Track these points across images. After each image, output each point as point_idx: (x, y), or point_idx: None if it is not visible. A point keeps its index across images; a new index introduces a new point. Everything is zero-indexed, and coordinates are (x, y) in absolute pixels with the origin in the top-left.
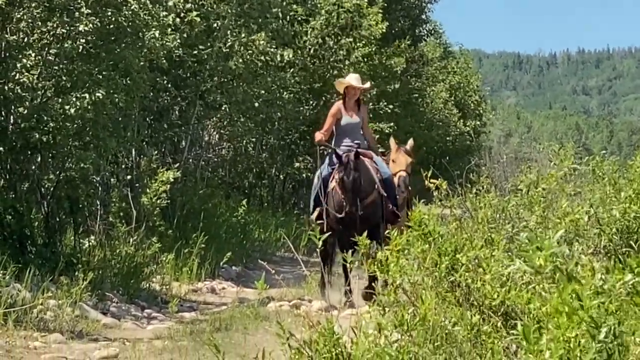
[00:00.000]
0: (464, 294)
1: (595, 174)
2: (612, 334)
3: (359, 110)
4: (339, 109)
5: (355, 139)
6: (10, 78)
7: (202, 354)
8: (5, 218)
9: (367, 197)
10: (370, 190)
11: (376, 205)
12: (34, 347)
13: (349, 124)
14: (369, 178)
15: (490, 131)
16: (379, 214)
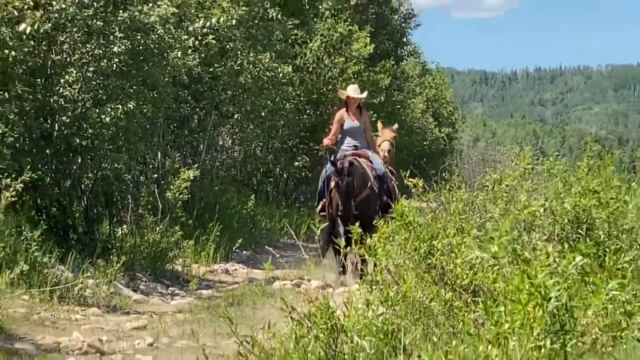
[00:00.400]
0: (439, 275)
1: (550, 172)
2: (564, 308)
3: (360, 116)
4: (342, 115)
5: (356, 140)
6: (55, 92)
7: (217, 325)
8: (51, 210)
9: (360, 194)
10: (363, 187)
11: (369, 200)
12: (75, 319)
13: (351, 127)
14: (362, 177)
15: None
16: (372, 207)
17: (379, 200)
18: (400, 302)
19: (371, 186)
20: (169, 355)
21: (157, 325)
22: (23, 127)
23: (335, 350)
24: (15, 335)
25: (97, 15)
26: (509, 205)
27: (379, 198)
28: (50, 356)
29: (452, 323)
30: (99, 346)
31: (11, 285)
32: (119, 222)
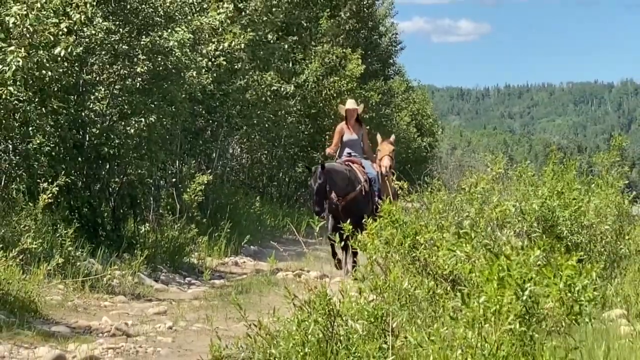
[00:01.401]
0: (422, 266)
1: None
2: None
3: (359, 128)
4: (342, 127)
5: (354, 151)
6: (86, 107)
7: (228, 310)
8: (83, 210)
9: (347, 194)
10: (350, 189)
11: (357, 200)
12: (104, 305)
13: (350, 139)
14: (347, 180)
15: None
16: (361, 207)
17: (370, 201)
18: (388, 290)
19: (360, 188)
20: (186, 336)
21: (176, 310)
22: (58, 138)
23: (332, 332)
24: (51, 319)
25: (122, 40)
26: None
27: (370, 198)
28: (82, 338)
29: (434, 308)
30: (125, 329)
31: (48, 275)
32: (142, 221)
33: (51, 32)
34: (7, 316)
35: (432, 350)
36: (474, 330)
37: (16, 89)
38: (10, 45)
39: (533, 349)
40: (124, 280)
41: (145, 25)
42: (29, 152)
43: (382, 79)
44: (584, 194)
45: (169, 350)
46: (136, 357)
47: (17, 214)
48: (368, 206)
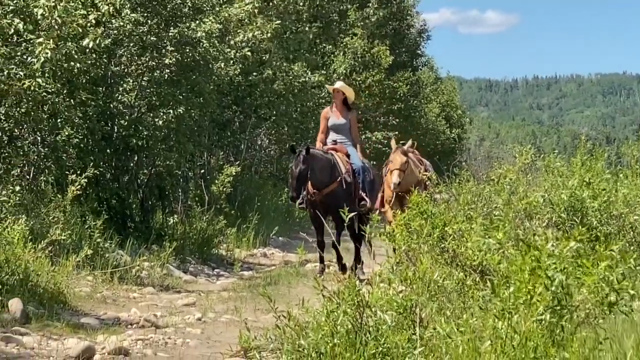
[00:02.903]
0: (451, 257)
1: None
2: (561, 286)
3: (347, 113)
4: (327, 112)
5: (339, 136)
6: (114, 98)
7: (257, 302)
8: (111, 202)
9: (327, 186)
10: (329, 181)
11: (336, 193)
12: (133, 297)
13: (335, 124)
14: (329, 170)
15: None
16: (340, 200)
17: (352, 194)
18: (417, 281)
19: (340, 180)
20: (215, 328)
21: (205, 302)
22: (87, 130)
23: (361, 323)
24: (81, 311)
25: (150, 31)
26: (511, 197)
27: (353, 191)
28: (111, 329)
29: (463, 299)
30: (154, 320)
31: (77, 267)
32: (170, 213)
33: (79, 24)
34: (37, 307)
35: (462, 341)
36: (504, 320)
37: (45, 81)
38: (39, 37)
39: (563, 340)
40: (153, 271)
41: (174, 17)
42: (57, 144)
43: (410, 70)
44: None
45: (197, 342)
46: (165, 348)
47: (46, 205)
48: (349, 199)
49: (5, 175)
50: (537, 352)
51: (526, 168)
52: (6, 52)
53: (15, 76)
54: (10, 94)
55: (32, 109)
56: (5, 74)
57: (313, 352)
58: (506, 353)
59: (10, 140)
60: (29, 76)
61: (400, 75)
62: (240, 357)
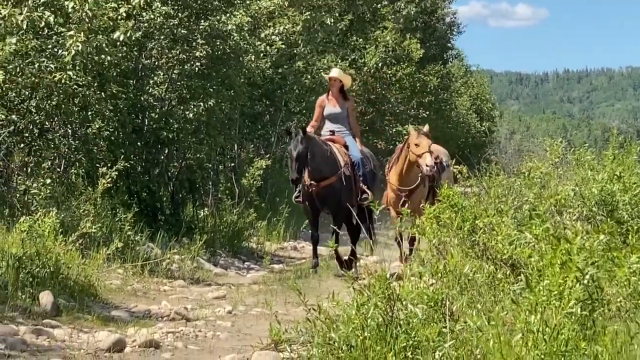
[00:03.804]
0: (481, 250)
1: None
2: (592, 279)
3: (344, 101)
4: (323, 100)
5: (336, 126)
6: (145, 91)
7: (287, 295)
8: (142, 195)
9: (325, 179)
10: (327, 173)
11: (334, 188)
12: (164, 290)
13: (331, 113)
14: (327, 162)
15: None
16: (338, 194)
17: (352, 187)
18: (448, 274)
19: (339, 174)
20: (245, 321)
21: (235, 295)
22: (117, 123)
23: (391, 316)
24: (111, 303)
25: (181, 24)
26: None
27: (353, 184)
28: (142, 322)
29: (494, 293)
30: (185, 313)
31: (108, 260)
32: (201, 206)
33: (110, 17)
34: (67, 300)
35: (492, 335)
36: (535, 314)
37: (75, 74)
38: (70, 30)
39: (594, 334)
40: (183, 264)
41: (204, 9)
42: (88, 137)
43: (440, 63)
44: None
45: (228, 334)
46: (196, 341)
47: (76, 198)
48: (348, 194)
49: (36, 168)
50: (568, 345)
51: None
52: (37, 45)
53: (46, 69)
54: (41, 86)
55: (63, 102)
56: (36, 66)
57: (343, 345)
58: (537, 346)
59: (41, 133)
60: (60, 69)
61: (430, 69)
62: (271, 350)
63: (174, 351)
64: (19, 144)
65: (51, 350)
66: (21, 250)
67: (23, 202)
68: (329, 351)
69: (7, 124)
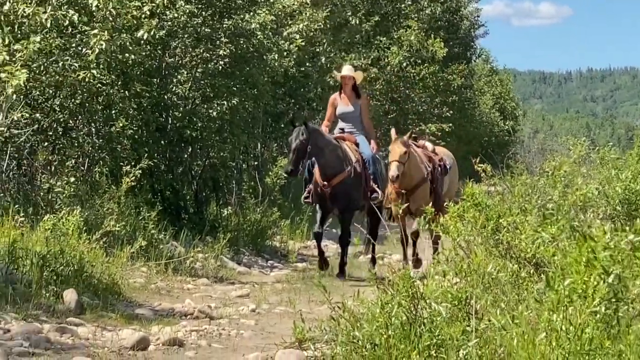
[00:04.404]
0: (505, 249)
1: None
2: (618, 279)
3: (356, 99)
4: (335, 99)
5: (348, 125)
6: (168, 90)
7: (311, 293)
8: (165, 193)
9: (335, 175)
10: (339, 169)
11: (345, 184)
12: (187, 288)
13: (344, 112)
14: (337, 157)
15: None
16: (349, 192)
17: (362, 184)
18: (471, 273)
19: (350, 170)
20: (269, 319)
21: (259, 293)
22: (141, 121)
23: (415, 314)
24: (135, 302)
25: (205, 22)
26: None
27: (363, 182)
28: (165, 320)
29: (518, 291)
30: (208, 311)
31: (131, 258)
32: (224, 204)
33: (134, 15)
34: (91, 298)
35: (516, 333)
36: (559, 313)
37: (99, 72)
38: (94, 28)
39: (618, 333)
40: (207, 263)
41: (228, 8)
42: (112, 135)
43: (464, 62)
44: None
45: (252, 333)
46: (219, 339)
47: (100, 197)
48: (358, 191)
49: (60, 166)
50: (592, 344)
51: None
52: (61, 43)
53: (70, 67)
54: (65, 85)
55: (87, 101)
56: (60, 65)
57: (367, 344)
58: (561, 345)
59: (65, 132)
60: (84, 68)
61: (454, 68)
62: (295, 349)
63: (197, 349)
64: (43, 142)
65: (75, 349)
66: (45, 249)
67: (47, 200)
68: (353, 349)
69: (31, 123)
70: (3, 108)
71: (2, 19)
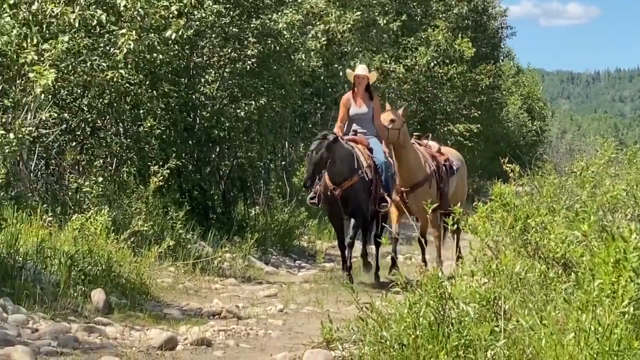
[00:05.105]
0: (533, 249)
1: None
2: None
3: (370, 101)
4: (348, 99)
5: (362, 128)
6: (196, 90)
7: (338, 293)
8: (193, 193)
9: (345, 180)
10: (349, 175)
11: (355, 189)
12: (215, 288)
13: (357, 114)
14: (348, 163)
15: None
16: (359, 196)
17: (372, 191)
18: (499, 273)
19: (361, 174)
20: (297, 319)
21: (286, 293)
22: (169, 121)
23: (443, 315)
24: (163, 301)
25: (233, 22)
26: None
27: (374, 189)
28: (193, 320)
29: (546, 292)
30: (236, 311)
31: (159, 258)
32: (252, 204)
33: (162, 15)
34: (119, 298)
35: (544, 334)
36: (588, 313)
37: (127, 72)
38: (122, 28)
39: None
40: (235, 263)
41: (255, 8)
42: (140, 135)
43: (492, 62)
44: None
45: (279, 333)
46: (247, 339)
47: (128, 196)
48: (368, 198)
49: (88, 166)
50: (621, 345)
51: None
52: (89, 43)
53: (98, 67)
54: (93, 85)
55: (115, 100)
56: (88, 65)
57: (395, 344)
58: (589, 346)
59: (93, 131)
60: (112, 67)
61: (482, 68)
62: (323, 349)
63: (225, 349)
64: (71, 142)
65: (103, 348)
66: (73, 248)
67: (75, 200)
68: (380, 350)
69: (59, 123)
70: (31, 108)
71: (31, 19)
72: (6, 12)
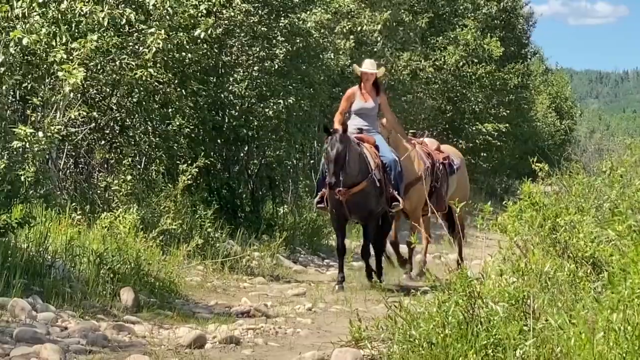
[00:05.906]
0: (562, 248)
1: None
2: None
3: (377, 96)
4: (353, 93)
5: (364, 122)
6: (225, 89)
7: (367, 292)
8: (222, 192)
9: (355, 184)
10: (359, 179)
11: (366, 194)
12: (243, 287)
13: (362, 108)
14: (358, 165)
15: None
16: (370, 201)
17: (383, 193)
18: (528, 272)
19: (371, 178)
20: (325, 318)
21: (315, 292)
22: (197, 120)
23: (472, 314)
24: (191, 300)
25: (261, 21)
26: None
27: (383, 190)
28: (222, 318)
29: (575, 291)
30: (265, 310)
31: (188, 257)
32: (280, 203)
33: (190, 14)
34: (148, 296)
35: (574, 333)
36: (618, 312)
37: (156, 71)
38: (151, 27)
39: None
40: (263, 261)
41: (284, 7)
42: (168, 134)
43: (520, 62)
44: None
45: (308, 331)
46: (276, 337)
47: (156, 195)
48: (378, 200)
49: (117, 164)
50: None
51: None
52: (118, 42)
53: (127, 66)
54: (122, 83)
55: (144, 99)
56: (118, 64)
57: (424, 342)
58: (619, 345)
59: (122, 130)
60: (141, 66)
61: (511, 67)
62: (351, 347)
63: (254, 347)
64: (100, 140)
65: (132, 346)
66: (102, 247)
67: (104, 198)
68: (409, 348)
69: (88, 121)
70: (60, 106)
71: (60, 18)
72: (35, 11)
